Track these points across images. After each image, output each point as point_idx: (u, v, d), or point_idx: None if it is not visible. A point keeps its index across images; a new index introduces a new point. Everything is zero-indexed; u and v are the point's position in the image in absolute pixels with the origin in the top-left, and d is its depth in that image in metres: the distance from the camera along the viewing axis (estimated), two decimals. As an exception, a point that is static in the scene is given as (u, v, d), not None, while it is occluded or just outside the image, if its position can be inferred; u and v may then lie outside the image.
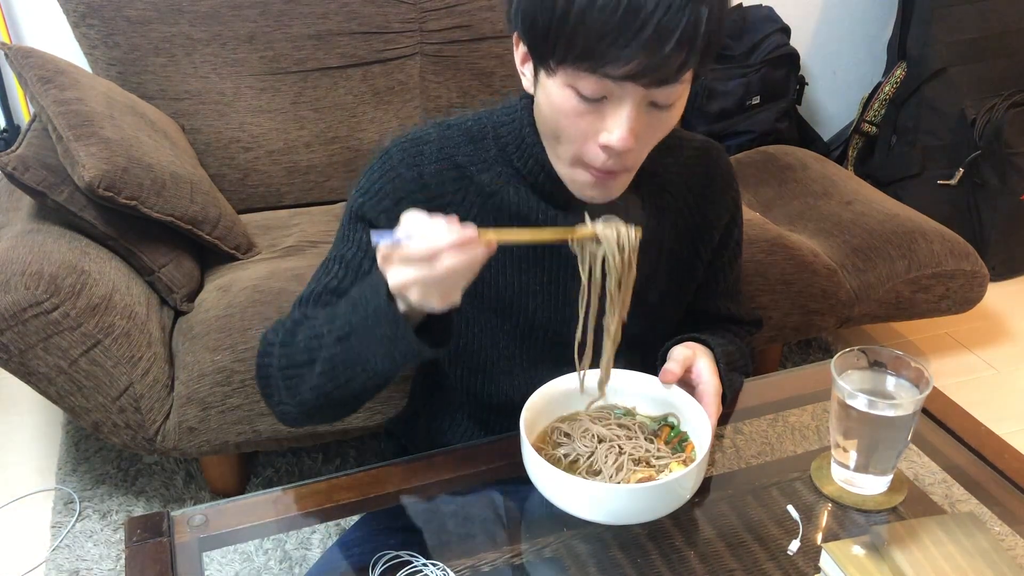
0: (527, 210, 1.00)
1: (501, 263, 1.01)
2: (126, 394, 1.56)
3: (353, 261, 1.01)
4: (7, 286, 1.48)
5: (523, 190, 1.00)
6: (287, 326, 1.00)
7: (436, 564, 0.91)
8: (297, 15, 2.03)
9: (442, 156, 1.00)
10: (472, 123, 1.03)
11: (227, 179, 2.05)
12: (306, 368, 0.95)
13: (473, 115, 1.04)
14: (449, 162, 1.00)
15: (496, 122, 1.01)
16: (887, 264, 2.01)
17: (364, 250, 1.01)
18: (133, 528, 0.93)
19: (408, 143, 1.01)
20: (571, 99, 0.86)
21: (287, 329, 0.99)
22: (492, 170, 1.00)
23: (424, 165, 0.99)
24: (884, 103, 2.66)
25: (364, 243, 1.01)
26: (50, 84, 1.70)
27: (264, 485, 1.84)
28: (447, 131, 1.02)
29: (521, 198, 1.00)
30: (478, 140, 1.01)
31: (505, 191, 1.00)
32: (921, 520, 0.93)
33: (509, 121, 1.00)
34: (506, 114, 1.01)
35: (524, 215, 1.00)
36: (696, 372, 0.99)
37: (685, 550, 0.95)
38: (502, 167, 1.00)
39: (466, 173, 1.00)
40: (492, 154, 1.00)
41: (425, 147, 1.00)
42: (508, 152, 1.00)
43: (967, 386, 2.21)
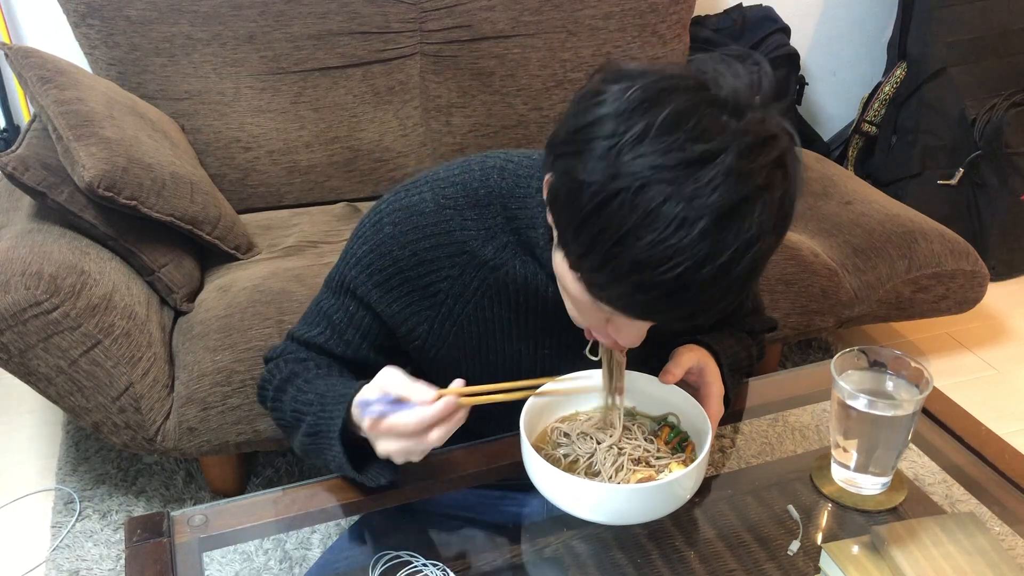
0: (535, 283, 0.95)
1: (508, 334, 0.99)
2: (126, 394, 1.56)
3: (339, 327, 1.02)
4: (7, 286, 1.48)
5: (531, 264, 0.94)
6: (281, 375, 1.03)
7: (436, 564, 0.91)
8: (297, 15, 2.03)
9: (438, 231, 0.94)
10: (479, 184, 0.95)
11: (227, 179, 2.05)
12: (292, 430, 1.01)
13: (480, 171, 0.96)
14: (446, 237, 0.94)
15: (506, 191, 0.94)
16: (887, 264, 2.01)
17: (349, 320, 1.01)
18: (133, 528, 0.93)
19: (402, 213, 0.95)
20: (586, 297, 0.80)
21: (278, 382, 1.03)
22: (497, 239, 0.95)
23: (418, 241, 0.95)
24: (884, 103, 2.66)
25: (350, 313, 1.01)
26: (50, 84, 1.70)
27: (264, 485, 1.84)
28: (447, 192, 0.95)
29: (528, 271, 0.95)
30: (484, 205, 0.95)
31: (511, 264, 0.95)
32: (921, 520, 0.93)
33: (521, 196, 0.93)
34: (518, 186, 0.93)
35: (532, 287, 0.95)
36: (699, 374, 0.98)
37: (685, 550, 0.95)
38: (508, 237, 0.94)
39: (465, 248, 0.95)
40: (498, 222, 0.94)
41: (419, 219, 0.95)
42: (516, 227, 0.94)
43: (967, 386, 2.20)
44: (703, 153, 0.70)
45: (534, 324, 0.98)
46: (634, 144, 0.70)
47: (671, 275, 0.70)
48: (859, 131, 2.74)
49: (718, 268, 0.71)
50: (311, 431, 0.96)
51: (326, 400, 0.95)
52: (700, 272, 0.71)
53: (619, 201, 0.70)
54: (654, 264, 0.70)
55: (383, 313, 0.99)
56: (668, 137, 0.70)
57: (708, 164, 0.69)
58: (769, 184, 0.72)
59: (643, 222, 0.70)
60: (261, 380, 1.07)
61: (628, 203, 0.70)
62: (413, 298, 0.97)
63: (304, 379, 1.01)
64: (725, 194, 0.69)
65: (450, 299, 0.97)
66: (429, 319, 0.98)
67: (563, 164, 0.76)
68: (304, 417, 0.97)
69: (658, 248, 0.70)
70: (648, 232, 0.70)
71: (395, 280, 0.96)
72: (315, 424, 0.95)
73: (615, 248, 0.71)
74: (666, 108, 0.71)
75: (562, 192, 0.76)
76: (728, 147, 0.70)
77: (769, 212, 0.72)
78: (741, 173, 0.70)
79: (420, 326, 0.99)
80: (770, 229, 0.73)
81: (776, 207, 0.73)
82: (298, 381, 1.01)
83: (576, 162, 0.73)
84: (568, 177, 0.75)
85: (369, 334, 1.01)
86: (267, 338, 1.62)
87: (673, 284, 0.71)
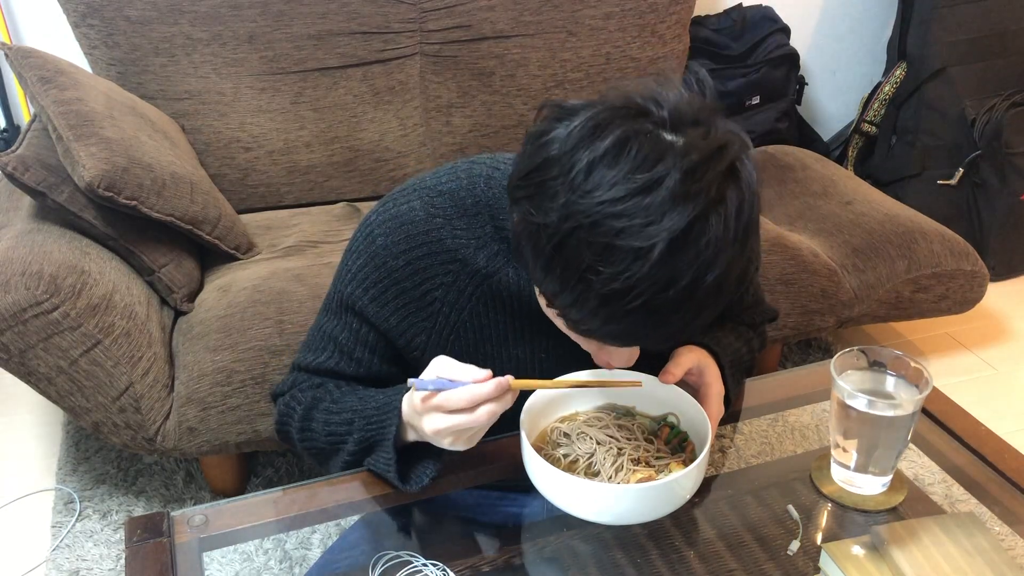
0: (528, 290, 0.95)
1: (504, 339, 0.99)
2: (126, 394, 1.56)
3: (346, 347, 1.01)
4: (7, 286, 1.48)
5: (523, 270, 0.95)
6: (302, 406, 1.01)
7: (436, 564, 0.91)
8: (297, 15, 2.03)
9: (429, 239, 0.95)
10: (466, 194, 0.95)
11: (227, 179, 2.05)
12: (331, 454, 1.01)
13: (467, 179, 0.96)
14: (437, 245, 0.95)
15: (493, 200, 0.95)
16: (887, 264, 2.01)
17: (354, 338, 1.01)
18: (133, 528, 0.93)
19: (392, 224, 0.95)
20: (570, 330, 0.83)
21: (302, 412, 1.01)
22: (488, 248, 0.95)
23: (411, 250, 0.95)
24: (884, 103, 2.66)
25: (353, 330, 1.00)
26: (50, 84, 1.70)
27: (264, 485, 1.84)
28: (436, 201, 0.95)
29: (522, 278, 0.95)
30: (472, 215, 0.95)
31: (503, 271, 0.95)
32: (921, 520, 0.93)
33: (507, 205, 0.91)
34: (504, 192, 0.93)
35: (525, 291, 0.96)
36: (699, 375, 0.99)
37: (685, 550, 0.95)
38: (499, 245, 0.95)
39: (457, 256, 0.95)
40: (488, 231, 0.95)
41: (410, 228, 0.95)
42: (506, 233, 0.94)
43: (967, 386, 2.21)
44: (647, 182, 0.70)
45: (529, 329, 0.99)
46: (581, 182, 0.72)
47: (637, 303, 0.72)
48: (859, 131, 2.74)
49: (682, 290, 0.71)
50: (362, 445, 0.95)
51: (368, 411, 0.95)
52: (666, 296, 0.71)
53: (575, 240, 0.72)
54: (619, 296, 0.72)
55: (382, 327, 0.99)
56: (611, 171, 0.71)
57: (654, 191, 0.70)
58: (721, 197, 0.72)
59: (600, 258, 0.71)
60: (279, 416, 1.06)
61: (584, 240, 0.72)
62: (410, 309, 0.97)
63: (331, 400, 1.00)
64: (675, 218, 0.70)
65: (446, 307, 0.97)
66: (427, 329, 0.98)
67: (521, 208, 0.78)
68: (346, 437, 0.97)
69: (619, 280, 0.71)
70: (607, 266, 0.71)
71: (391, 292, 0.96)
72: (365, 438, 0.95)
73: (580, 285, 0.73)
74: (606, 140, 0.72)
75: (524, 235, 0.78)
76: (671, 170, 0.71)
77: (726, 225, 0.72)
78: (688, 194, 0.70)
79: (418, 337, 0.99)
80: (731, 241, 0.73)
81: (733, 218, 0.73)
82: (323, 405, 1.00)
83: (530, 206, 0.76)
84: (526, 221, 0.77)
85: (377, 348, 1.01)
86: (267, 338, 1.62)
87: (642, 311, 0.72)
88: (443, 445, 0.88)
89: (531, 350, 1.00)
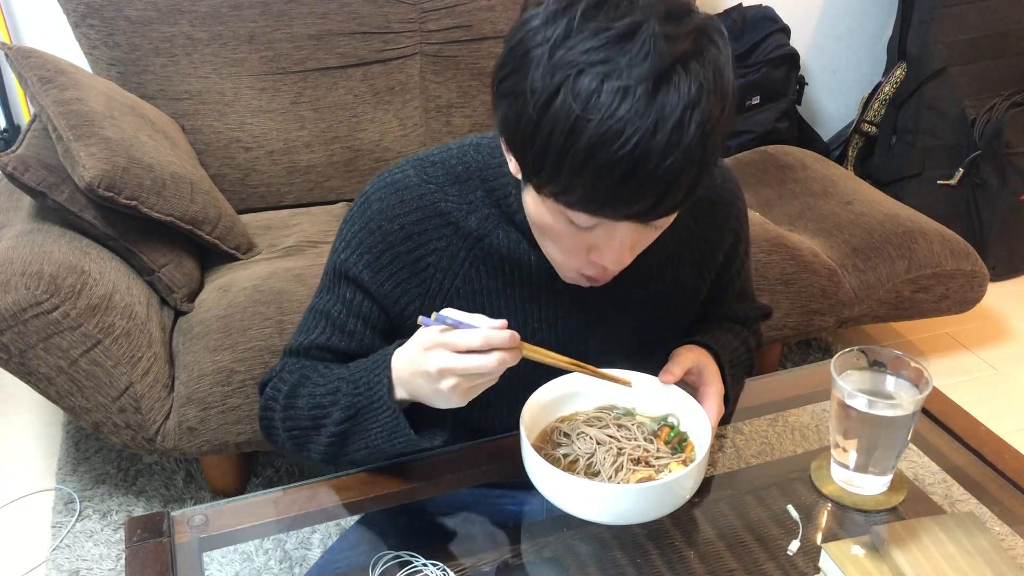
0: (519, 252, 0.97)
1: (497, 306, 0.99)
2: (126, 394, 1.56)
3: (339, 320, 1.00)
4: (7, 286, 1.48)
5: (513, 233, 0.96)
6: (287, 385, 0.99)
7: (436, 564, 0.91)
8: (297, 15, 2.03)
9: (423, 203, 0.96)
10: (456, 161, 0.98)
11: (227, 179, 2.05)
12: (311, 432, 0.97)
13: (458, 150, 0.99)
14: (431, 209, 0.96)
15: (482, 163, 0.96)
16: (887, 264, 2.01)
17: (348, 308, 1.00)
18: (133, 528, 0.93)
19: (387, 190, 0.97)
20: (562, 224, 0.83)
21: (288, 390, 0.99)
22: (479, 212, 0.97)
23: (405, 215, 0.96)
24: (884, 103, 2.66)
25: (347, 300, 1.00)
26: (50, 84, 1.70)
27: (264, 485, 1.84)
28: (428, 170, 0.98)
29: (512, 240, 0.97)
30: (463, 181, 0.97)
31: (494, 234, 0.97)
32: (921, 520, 0.93)
33: (495, 165, 0.95)
34: (492, 156, 0.96)
35: (516, 257, 0.97)
36: (698, 374, 0.99)
37: (685, 550, 0.95)
38: (489, 209, 0.96)
39: (450, 220, 0.96)
40: (479, 196, 0.97)
41: (404, 193, 0.96)
42: (496, 196, 0.96)
43: (967, 386, 2.21)
44: (628, 26, 0.74)
45: (521, 295, 0.99)
46: (563, 40, 0.75)
47: (627, 149, 0.73)
48: (859, 131, 2.74)
49: (669, 132, 0.73)
50: (348, 414, 0.92)
51: (356, 375, 0.93)
52: (654, 139, 0.73)
53: (562, 95, 0.74)
54: (609, 142, 0.73)
55: (377, 294, 0.98)
56: (592, 23, 0.75)
57: (635, 35, 0.73)
58: (698, 50, 0.75)
59: (588, 105, 0.73)
60: (263, 403, 1.03)
61: (571, 93, 0.73)
62: (404, 275, 0.97)
63: (318, 375, 0.98)
64: (657, 58, 0.73)
65: (439, 273, 0.98)
66: (420, 295, 0.98)
67: (507, 87, 0.79)
68: (330, 409, 0.94)
69: (607, 125, 0.72)
70: (595, 113, 0.73)
71: (386, 257, 0.97)
72: (352, 404, 0.92)
73: (569, 140, 0.74)
74: (582, 4, 0.75)
75: (511, 114, 0.79)
76: (649, 16, 0.74)
77: (705, 73, 0.75)
78: (668, 36, 0.74)
79: (412, 304, 0.99)
80: (711, 90, 0.75)
81: (711, 70, 0.75)
82: (309, 384, 0.98)
83: (518, 79, 0.77)
84: (513, 96, 0.78)
85: (371, 319, 1.00)
86: (267, 338, 1.62)
87: (631, 158, 0.73)
88: (441, 389, 0.83)
89: (523, 320, 1.00)
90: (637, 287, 1.01)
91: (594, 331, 1.02)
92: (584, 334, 1.02)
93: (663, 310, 1.04)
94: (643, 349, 1.05)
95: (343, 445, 0.95)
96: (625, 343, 1.04)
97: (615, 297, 1.01)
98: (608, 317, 1.02)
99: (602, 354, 1.00)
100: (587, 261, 0.87)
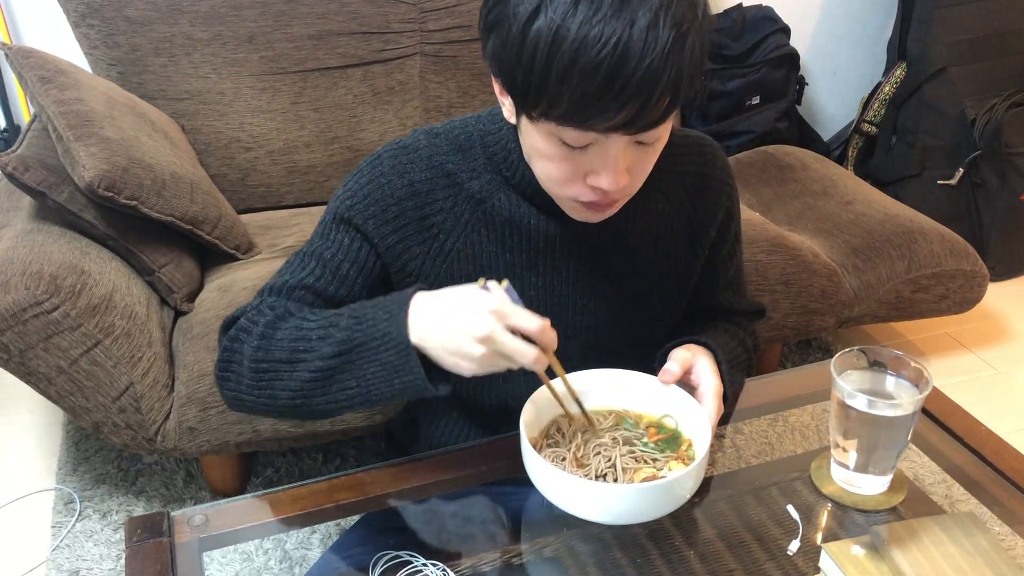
0: (519, 215, 1.00)
1: (497, 269, 1.01)
2: (126, 394, 1.56)
3: (332, 262, 0.99)
4: (7, 286, 1.48)
5: (513, 196, 1.00)
6: (266, 317, 0.93)
7: (436, 564, 0.91)
8: (297, 15, 2.03)
9: (432, 164, 0.99)
10: (459, 131, 1.01)
11: (227, 179, 2.05)
12: (285, 367, 0.90)
13: (460, 122, 1.03)
14: (439, 170, 0.99)
15: (483, 130, 1.00)
16: (887, 264, 2.01)
17: (344, 253, 0.98)
18: (133, 528, 0.93)
19: (398, 150, 1.00)
20: (556, 146, 0.86)
21: (266, 321, 0.93)
22: (481, 177, 1.00)
23: (413, 172, 0.99)
24: (884, 103, 2.66)
25: (345, 245, 0.98)
26: (50, 84, 1.70)
27: (264, 485, 1.84)
28: (435, 139, 1.01)
29: (512, 203, 1.00)
30: (466, 149, 1.01)
31: (496, 197, 1.00)
32: (921, 520, 0.93)
33: (495, 131, 0.99)
34: (492, 123, 1.00)
35: (516, 220, 1.00)
36: (696, 373, 0.99)
37: (685, 550, 0.95)
38: (491, 175, 1.00)
39: (456, 180, 0.99)
40: (481, 163, 1.00)
41: (414, 155, 1.00)
42: (496, 161, 0.99)
43: (967, 386, 2.21)
44: None
45: (520, 261, 1.01)
46: None
47: (607, 50, 0.77)
48: (859, 131, 2.74)
49: (645, 32, 0.77)
50: (341, 349, 0.87)
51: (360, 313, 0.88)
52: (631, 40, 0.77)
53: (542, 11, 0.79)
54: (589, 46, 0.77)
55: (379, 245, 0.98)
56: None
57: None
58: None
59: (567, 16, 0.78)
60: (227, 344, 0.95)
61: (550, 7, 0.78)
62: (408, 231, 0.99)
63: (307, 311, 0.93)
64: None
65: (442, 233, 1.00)
66: (422, 254, 1.00)
67: (492, 19, 0.84)
68: (318, 343, 0.88)
69: (586, 31, 0.77)
70: (573, 21, 0.77)
71: (392, 211, 0.98)
72: (348, 339, 0.87)
73: (552, 50, 0.78)
74: None
75: (497, 42, 0.83)
76: None
77: None
78: None
79: (413, 261, 1.00)
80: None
81: None
82: (294, 319, 0.92)
83: (501, 7, 0.82)
84: (499, 25, 0.83)
85: (366, 267, 0.99)
86: (267, 338, 1.62)
87: (611, 60, 0.77)
88: (471, 352, 0.81)
89: (520, 287, 1.01)
90: (631, 258, 1.04)
91: (589, 302, 1.04)
92: (579, 305, 1.04)
93: (657, 282, 1.07)
94: (638, 322, 1.06)
95: (323, 385, 0.89)
96: (621, 316, 1.06)
97: (611, 269, 1.04)
98: (604, 289, 1.04)
99: (597, 327, 1.03)
100: (586, 187, 0.89)
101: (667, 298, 1.09)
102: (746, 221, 1.99)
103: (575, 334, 1.05)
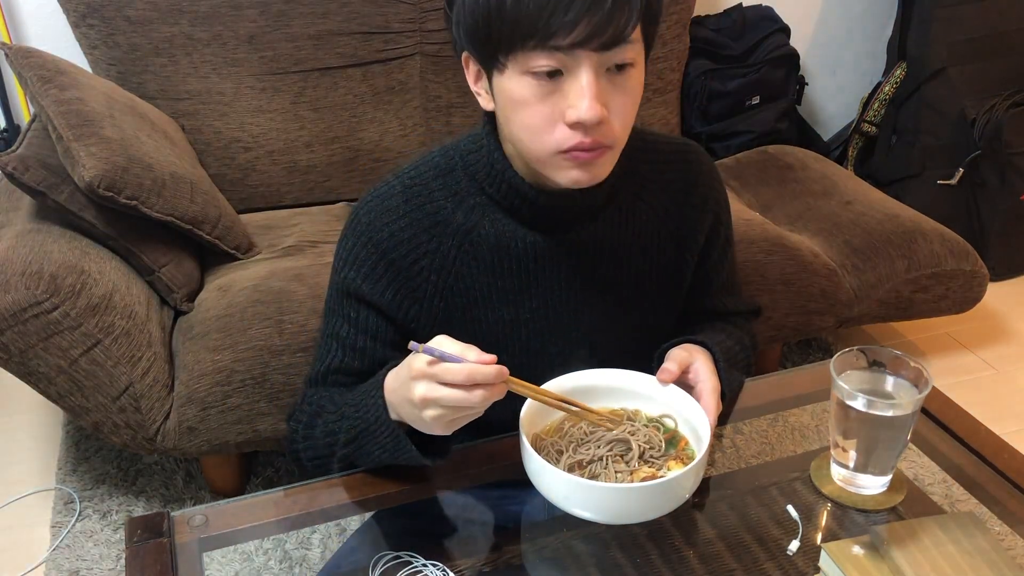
0: (507, 239, 1.00)
1: (489, 300, 1.01)
2: (126, 394, 1.56)
3: (348, 340, 1.03)
4: (7, 286, 1.48)
5: (500, 219, 0.99)
6: (307, 416, 1.03)
7: (436, 564, 0.91)
8: (297, 15, 2.03)
9: (410, 207, 0.99)
10: (439, 157, 1.02)
11: (227, 179, 2.05)
12: (328, 458, 1.01)
13: (440, 149, 1.03)
14: (418, 212, 0.99)
15: (463, 151, 1.01)
16: (887, 264, 2.01)
17: (354, 327, 1.02)
18: (133, 528, 0.93)
19: (373, 202, 1.01)
20: (528, 85, 0.86)
21: (306, 421, 1.03)
22: (465, 203, 1.00)
23: (393, 222, 0.99)
24: (884, 103, 2.66)
25: (352, 319, 1.02)
26: (50, 84, 1.70)
27: (264, 485, 1.84)
28: (412, 174, 1.01)
29: (498, 228, 0.99)
30: (447, 173, 1.01)
31: (481, 225, 0.99)
32: (921, 520, 0.93)
33: (476, 149, 0.99)
34: (472, 143, 1.00)
35: (504, 245, 1.00)
36: (694, 372, 0.99)
37: (685, 550, 0.95)
38: (475, 197, 1.00)
39: (437, 219, 0.99)
40: (463, 185, 1.00)
41: (390, 201, 1.00)
42: (479, 180, 0.99)
43: (967, 386, 2.21)
44: None
45: (512, 287, 1.01)
46: None
47: None
48: (859, 131, 2.74)
49: None
50: (351, 436, 0.95)
51: (358, 400, 0.96)
52: None
53: None
54: None
55: (379, 304, 1.01)
56: None
57: None
58: None
59: None
60: (288, 436, 1.07)
61: None
62: (400, 282, 1.00)
63: (331, 404, 1.02)
64: None
65: (433, 274, 1.00)
66: (418, 299, 1.01)
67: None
68: (338, 434, 0.97)
69: None
70: None
71: (381, 266, 0.99)
72: (353, 427, 0.95)
73: None
74: None
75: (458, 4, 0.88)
76: None
77: None
78: None
79: (411, 308, 1.01)
80: None
81: None
82: (324, 413, 1.02)
83: None
84: None
85: (379, 333, 1.03)
86: (267, 338, 1.62)
87: None
88: (424, 418, 0.84)
89: (515, 312, 1.02)
90: (620, 267, 1.04)
91: (584, 317, 1.05)
92: (575, 321, 1.04)
93: (649, 292, 1.07)
94: (634, 333, 1.07)
95: (356, 460, 0.99)
96: (615, 328, 1.06)
97: (602, 279, 1.04)
98: (596, 300, 1.04)
99: (593, 338, 1.04)
100: (569, 132, 0.87)
101: (660, 305, 1.09)
102: (746, 221, 1.99)
103: (572, 348, 1.05)
